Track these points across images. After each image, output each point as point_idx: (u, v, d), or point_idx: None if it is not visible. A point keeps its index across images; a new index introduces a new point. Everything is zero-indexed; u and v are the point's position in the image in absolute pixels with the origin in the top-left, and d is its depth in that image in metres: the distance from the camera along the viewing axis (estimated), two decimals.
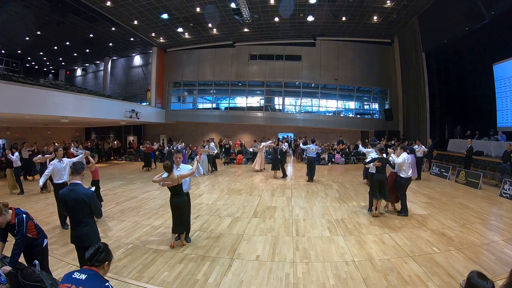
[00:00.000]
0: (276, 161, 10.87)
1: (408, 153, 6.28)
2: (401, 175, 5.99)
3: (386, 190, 5.86)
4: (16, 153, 8.92)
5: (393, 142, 14.18)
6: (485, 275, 1.69)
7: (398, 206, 6.21)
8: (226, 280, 3.50)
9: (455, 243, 4.47)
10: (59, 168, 5.42)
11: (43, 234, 3.06)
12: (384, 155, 6.04)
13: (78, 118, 13.19)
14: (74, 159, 5.80)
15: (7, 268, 2.63)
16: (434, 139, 13.25)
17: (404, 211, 5.94)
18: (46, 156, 8.68)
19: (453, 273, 3.50)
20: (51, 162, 5.47)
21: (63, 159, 5.58)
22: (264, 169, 12.43)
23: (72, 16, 14.39)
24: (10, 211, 2.80)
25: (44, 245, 3.01)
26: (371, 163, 5.95)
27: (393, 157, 6.10)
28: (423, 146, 10.71)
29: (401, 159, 5.94)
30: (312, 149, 9.95)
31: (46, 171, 5.43)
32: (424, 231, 5.03)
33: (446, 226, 5.23)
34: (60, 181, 5.37)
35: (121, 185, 9.64)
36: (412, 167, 7.76)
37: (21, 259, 2.98)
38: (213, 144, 12.32)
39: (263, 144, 12.32)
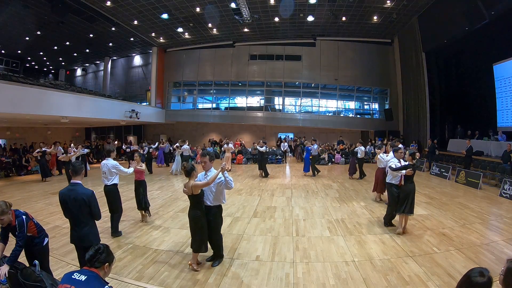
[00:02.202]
0: (260, 161, 11.15)
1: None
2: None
3: (413, 202, 4.91)
4: None
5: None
6: (484, 274, 1.68)
7: (384, 197, 6.84)
8: (226, 280, 3.49)
9: (455, 243, 4.47)
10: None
11: (44, 232, 3.06)
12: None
13: (78, 118, 13.20)
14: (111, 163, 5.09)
15: (5, 268, 2.63)
16: (434, 139, 13.26)
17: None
18: (70, 155, 8.65)
19: (453, 273, 3.49)
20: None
21: (106, 162, 5.05)
22: (229, 170, 12.52)
23: (72, 16, 14.39)
24: (10, 212, 2.81)
25: (44, 243, 3.02)
26: (403, 170, 4.84)
27: (381, 156, 6.58)
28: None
29: (390, 156, 6.03)
30: (314, 149, 11.09)
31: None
32: (424, 231, 5.02)
33: (446, 226, 5.22)
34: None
35: (121, 185, 9.55)
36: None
37: (23, 259, 2.99)
38: (186, 145, 12.39)
39: (226, 146, 12.68)
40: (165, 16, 14.98)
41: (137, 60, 22.71)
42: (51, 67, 25.63)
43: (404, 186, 4.95)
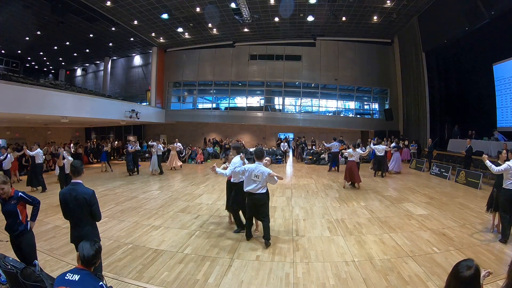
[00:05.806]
0: None
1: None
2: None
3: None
4: None
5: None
6: (470, 266, 1.68)
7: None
8: (226, 280, 3.49)
9: (455, 243, 4.47)
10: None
11: (27, 221, 3.30)
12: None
13: (78, 118, 13.20)
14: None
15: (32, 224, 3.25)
16: (434, 139, 13.25)
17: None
18: (69, 159, 8.49)
19: None
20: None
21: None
22: (181, 167, 13.15)
23: (72, 16, 14.40)
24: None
25: (29, 228, 3.22)
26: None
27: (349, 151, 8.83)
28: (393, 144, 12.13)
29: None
30: (335, 145, 12.35)
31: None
32: (424, 231, 5.02)
33: (446, 226, 5.22)
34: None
35: (121, 185, 9.63)
36: (397, 161, 11.53)
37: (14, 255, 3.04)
38: (161, 145, 12.61)
39: (175, 145, 13.23)
40: (165, 16, 14.97)
41: (137, 60, 22.72)
42: (51, 67, 25.65)
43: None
